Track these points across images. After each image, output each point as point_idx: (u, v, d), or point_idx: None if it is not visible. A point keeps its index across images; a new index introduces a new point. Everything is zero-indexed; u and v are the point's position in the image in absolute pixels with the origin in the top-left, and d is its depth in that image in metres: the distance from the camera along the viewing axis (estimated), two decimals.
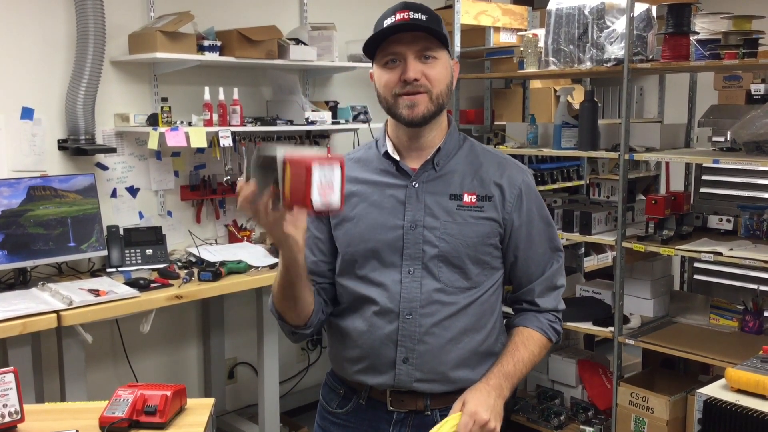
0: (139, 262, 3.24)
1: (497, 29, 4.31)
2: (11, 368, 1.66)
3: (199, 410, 1.79)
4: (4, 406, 1.63)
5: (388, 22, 1.52)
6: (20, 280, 2.97)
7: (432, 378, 1.60)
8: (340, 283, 1.67)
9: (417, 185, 1.60)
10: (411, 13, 1.51)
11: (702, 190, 4.13)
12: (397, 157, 1.62)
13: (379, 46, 1.55)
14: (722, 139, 3.59)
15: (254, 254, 3.43)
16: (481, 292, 1.62)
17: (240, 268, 3.20)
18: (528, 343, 1.65)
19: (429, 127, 1.60)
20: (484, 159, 1.65)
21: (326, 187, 1.28)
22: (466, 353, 1.61)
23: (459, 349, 1.60)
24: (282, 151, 1.29)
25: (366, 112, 3.93)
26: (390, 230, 1.59)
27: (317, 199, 1.27)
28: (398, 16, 1.51)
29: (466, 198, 1.59)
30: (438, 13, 1.58)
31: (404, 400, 1.62)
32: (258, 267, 3.27)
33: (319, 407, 1.77)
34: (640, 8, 3.18)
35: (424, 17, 1.52)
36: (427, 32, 1.52)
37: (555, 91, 4.60)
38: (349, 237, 1.63)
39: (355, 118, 3.90)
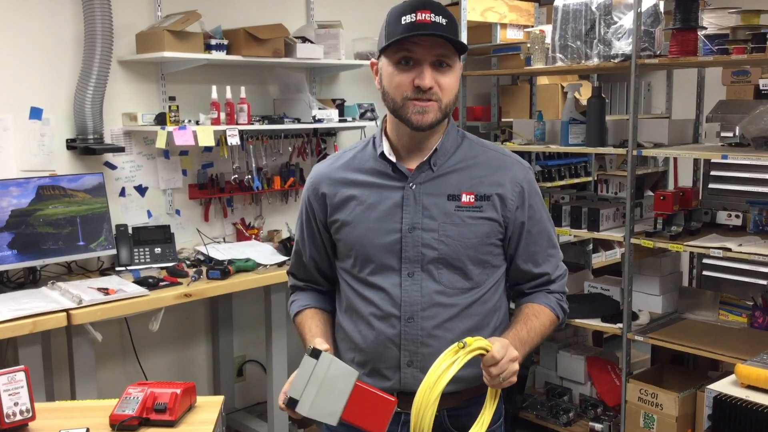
0: (148, 260, 3.25)
1: (504, 26, 4.31)
2: (22, 367, 1.67)
3: (209, 408, 1.80)
4: (16, 404, 1.64)
5: (407, 18, 1.46)
6: (30, 279, 2.98)
7: None
8: (342, 285, 1.67)
9: (414, 187, 1.58)
10: (432, 15, 1.45)
11: (710, 185, 4.11)
12: (394, 159, 1.60)
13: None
14: (730, 134, 3.57)
15: (262, 252, 3.43)
16: (483, 291, 1.60)
17: (248, 266, 3.21)
18: (539, 315, 1.61)
19: (432, 131, 1.57)
20: (483, 157, 1.62)
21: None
22: None
23: None
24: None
25: (373, 110, 3.94)
26: (388, 234, 1.57)
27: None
28: (419, 16, 1.45)
29: (465, 198, 1.55)
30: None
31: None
32: (266, 265, 3.27)
33: None
34: (647, 3, 3.16)
35: (444, 21, 1.47)
36: (447, 40, 1.47)
37: (562, 87, 4.58)
38: (348, 242, 1.61)
39: (362, 116, 3.90)
